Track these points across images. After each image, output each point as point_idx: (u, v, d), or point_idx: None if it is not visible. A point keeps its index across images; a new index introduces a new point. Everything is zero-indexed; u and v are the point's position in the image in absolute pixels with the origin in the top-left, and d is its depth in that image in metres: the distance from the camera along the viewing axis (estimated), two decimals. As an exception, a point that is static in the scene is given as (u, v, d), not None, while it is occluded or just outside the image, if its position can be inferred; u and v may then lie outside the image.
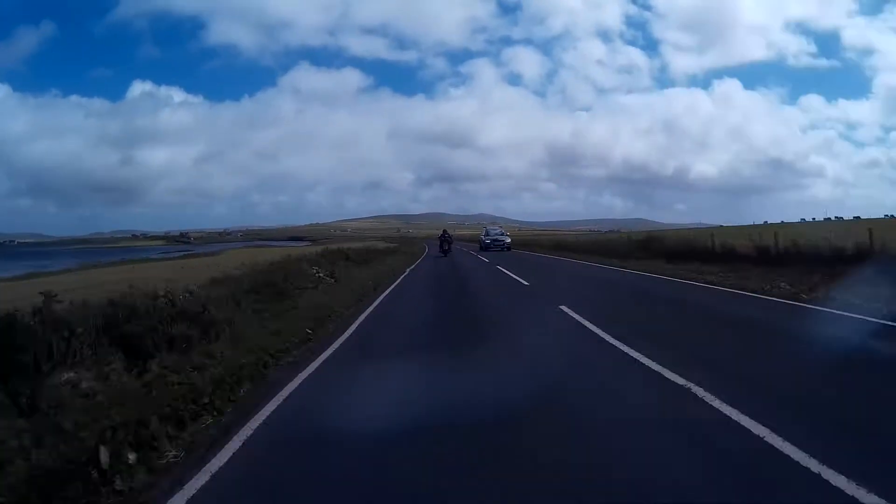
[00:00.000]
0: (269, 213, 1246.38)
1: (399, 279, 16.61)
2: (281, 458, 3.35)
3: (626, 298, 10.98)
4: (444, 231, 36.19)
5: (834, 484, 2.64)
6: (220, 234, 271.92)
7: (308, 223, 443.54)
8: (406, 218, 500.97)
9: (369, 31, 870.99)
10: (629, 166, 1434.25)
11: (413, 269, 21.58)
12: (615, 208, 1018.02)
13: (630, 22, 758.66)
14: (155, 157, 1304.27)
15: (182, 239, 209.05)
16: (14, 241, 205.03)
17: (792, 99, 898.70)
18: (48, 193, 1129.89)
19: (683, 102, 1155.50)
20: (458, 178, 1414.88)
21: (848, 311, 7.39)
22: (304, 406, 4.35)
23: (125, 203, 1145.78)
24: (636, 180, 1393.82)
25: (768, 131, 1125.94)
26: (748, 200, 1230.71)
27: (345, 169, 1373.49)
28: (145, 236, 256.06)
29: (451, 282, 16.23)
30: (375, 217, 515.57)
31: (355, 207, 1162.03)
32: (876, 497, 2.48)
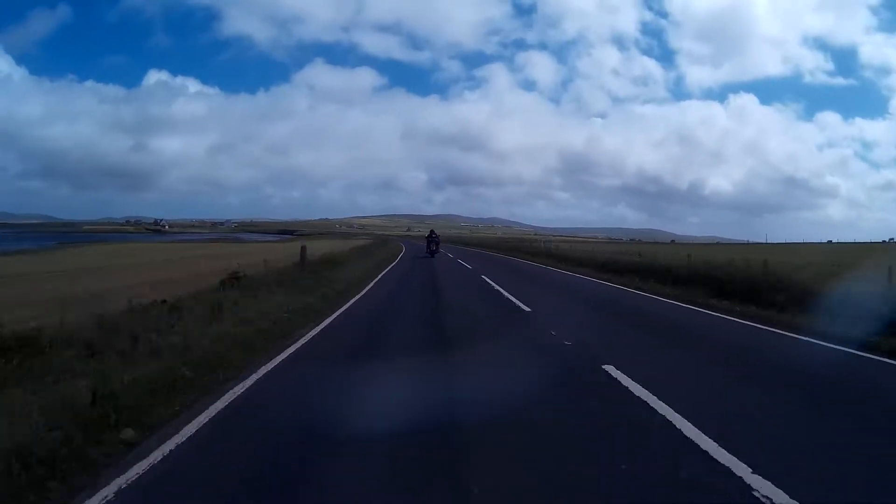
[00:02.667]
0: (281, 206, 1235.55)
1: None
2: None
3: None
4: (432, 231, 35.50)
5: None
6: (212, 224, 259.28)
7: (319, 218, 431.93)
8: (420, 218, 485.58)
9: (383, 28, 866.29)
10: (643, 177, 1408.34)
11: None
12: (628, 218, 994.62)
13: (645, 30, 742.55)
14: (169, 145, 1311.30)
15: (153, 227, 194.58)
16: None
17: (808, 115, 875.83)
18: (61, 177, 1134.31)
19: (699, 115, 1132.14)
20: (471, 182, 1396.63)
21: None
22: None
23: (139, 189, 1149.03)
24: (650, 192, 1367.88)
25: (784, 148, 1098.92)
26: (763, 218, 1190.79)
27: (358, 167, 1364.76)
28: (137, 223, 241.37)
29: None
30: (388, 216, 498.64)
31: (368, 205, 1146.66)
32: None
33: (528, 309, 10.39)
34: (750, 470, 3.11)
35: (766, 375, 5.61)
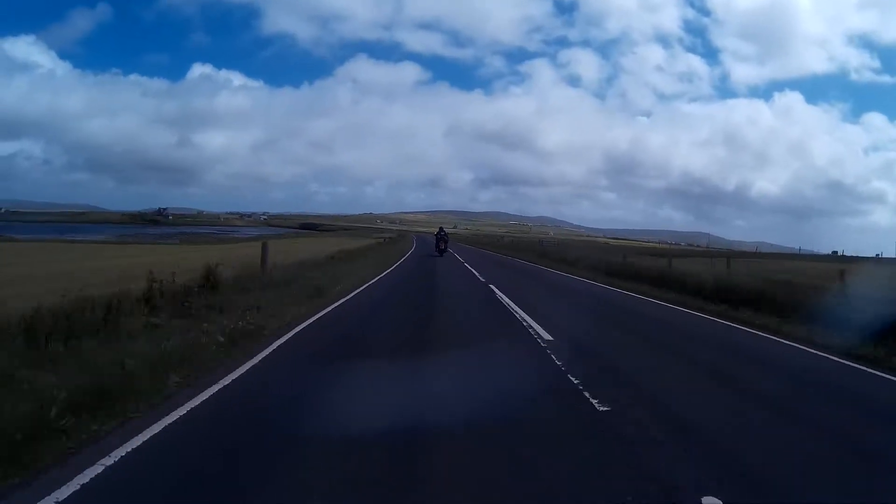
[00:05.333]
0: (328, 202, 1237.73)
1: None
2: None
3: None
4: (441, 229, 32.61)
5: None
6: (240, 216, 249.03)
7: (363, 213, 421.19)
8: (466, 215, 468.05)
9: (424, 26, 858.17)
10: (689, 179, 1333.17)
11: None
12: (674, 220, 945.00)
13: (689, 28, 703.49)
14: (214, 138, 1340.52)
15: (152, 218, 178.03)
16: (2, 209, 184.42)
17: (854, 116, 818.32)
18: (106, 169, 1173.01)
19: (744, 113, 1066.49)
20: (517, 181, 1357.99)
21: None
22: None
23: (184, 183, 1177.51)
24: (695, 194, 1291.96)
25: (830, 150, 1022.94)
26: (809, 223, 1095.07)
27: (404, 164, 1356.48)
28: (134, 214, 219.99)
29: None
30: (434, 212, 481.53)
31: (415, 202, 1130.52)
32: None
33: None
34: None
35: None
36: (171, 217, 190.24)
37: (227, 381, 4.71)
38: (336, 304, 9.99)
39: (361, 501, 2.78)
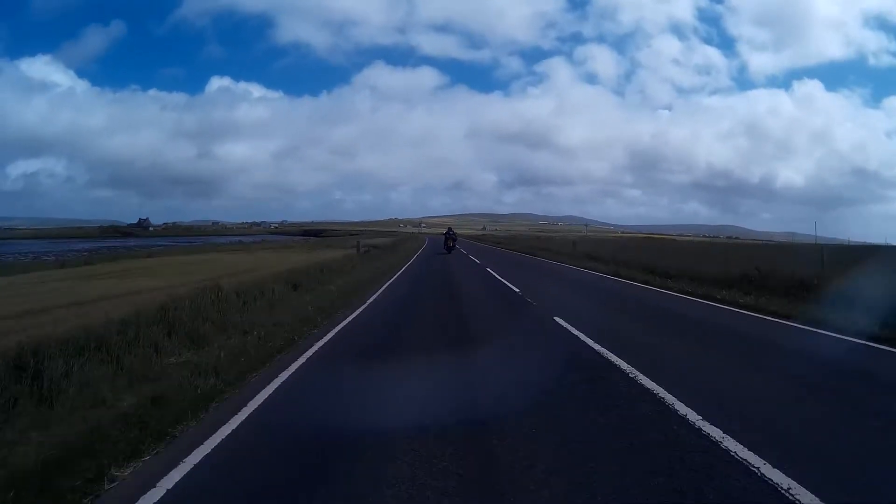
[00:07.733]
0: (353, 209, 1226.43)
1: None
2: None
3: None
4: (449, 229, 34.80)
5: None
6: (249, 225, 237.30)
7: (388, 218, 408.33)
8: (494, 217, 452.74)
9: (437, 28, 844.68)
10: (713, 172, 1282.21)
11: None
12: (700, 215, 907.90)
13: (703, 17, 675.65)
14: (236, 150, 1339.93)
15: (128, 230, 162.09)
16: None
17: (875, 101, 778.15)
18: (130, 184, 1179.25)
19: (765, 104, 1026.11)
20: (541, 181, 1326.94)
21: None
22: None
23: (209, 195, 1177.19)
24: (720, 187, 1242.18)
25: (853, 136, 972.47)
26: (835, 212, 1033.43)
27: (427, 168, 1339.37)
28: (107, 226, 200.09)
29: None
30: (460, 216, 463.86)
31: (440, 206, 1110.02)
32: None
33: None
34: None
35: None
36: (151, 228, 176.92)
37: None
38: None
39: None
